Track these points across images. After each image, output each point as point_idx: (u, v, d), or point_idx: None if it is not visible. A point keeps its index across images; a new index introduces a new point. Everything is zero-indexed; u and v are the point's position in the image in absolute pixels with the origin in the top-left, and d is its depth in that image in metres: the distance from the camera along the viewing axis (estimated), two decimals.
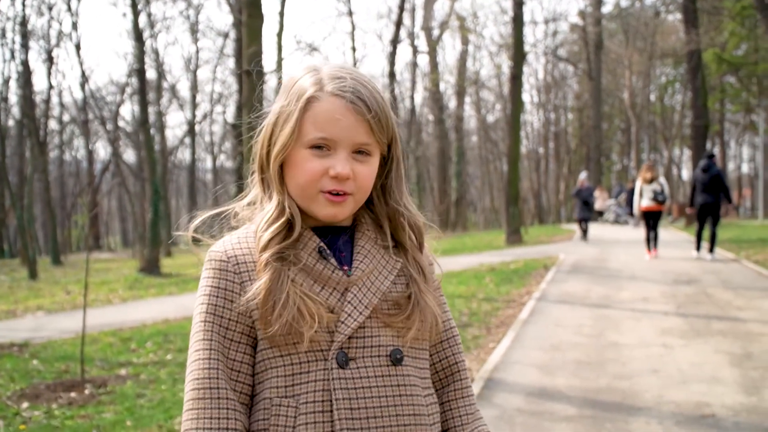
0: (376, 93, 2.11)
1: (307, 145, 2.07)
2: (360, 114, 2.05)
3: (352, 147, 2.07)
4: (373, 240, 2.21)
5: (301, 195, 2.10)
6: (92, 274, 29.95)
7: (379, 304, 2.09)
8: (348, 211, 2.12)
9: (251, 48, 14.32)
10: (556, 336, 11.58)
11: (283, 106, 2.14)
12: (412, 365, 2.12)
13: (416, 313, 2.12)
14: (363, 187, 2.11)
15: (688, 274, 17.94)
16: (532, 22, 66.02)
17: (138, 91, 35.67)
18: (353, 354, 2.04)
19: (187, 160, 72.87)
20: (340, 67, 2.15)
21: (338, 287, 2.07)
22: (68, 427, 7.94)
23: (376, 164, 2.16)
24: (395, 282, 2.16)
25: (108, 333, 14.11)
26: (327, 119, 2.05)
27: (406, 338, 2.11)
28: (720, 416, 7.36)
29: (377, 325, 2.08)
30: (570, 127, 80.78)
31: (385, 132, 2.12)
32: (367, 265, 2.13)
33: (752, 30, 42.41)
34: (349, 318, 2.03)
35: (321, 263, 2.09)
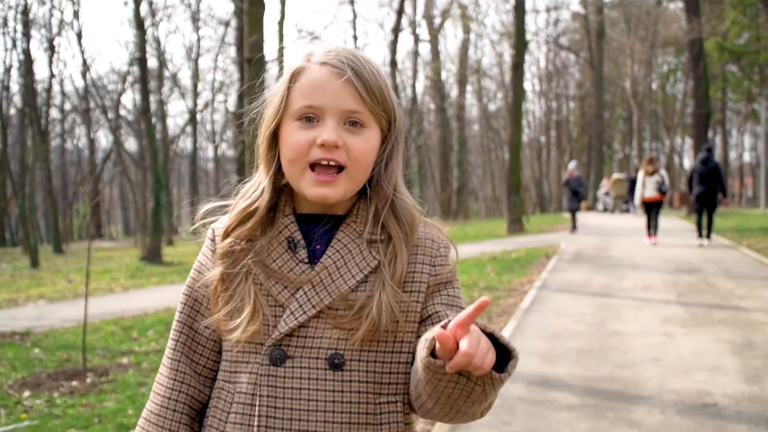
0: (368, 64, 2.05)
1: (294, 117, 2.02)
2: (347, 80, 1.99)
3: (341, 115, 2.00)
4: (356, 233, 2.09)
5: (291, 172, 2.05)
6: (94, 262, 29.98)
7: (333, 303, 1.99)
8: (341, 191, 2.01)
9: (252, 36, 14.32)
10: (557, 325, 11.58)
11: (276, 85, 2.13)
12: (360, 369, 2.01)
13: (366, 315, 1.98)
14: (359, 161, 2.02)
15: (690, 263, 17.95)
16: (533, 11, 66.03)
17: (139, 79, 35.67)
18: (291, 353, 1.99)
19: (189, 148, 72.85)
20: (337, 46, 2.11)
21: (294, 282, 2.02)
22: (70, 416, 7.94)
23: (374, 139, 2.07)
24: (365, 280, 2.03)
25: (110, 322, 14.11)
26: (313, 86, 2.01)
27: (354, 340, 1.99)
28: (721, 405, 7.36)
29: (323, 326, 1.99)
30: (572, 116, 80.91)
31: (379, 104, 2.04)
32: (335, 261, 2.04)
33: (754, 19, 42.36)
34: (291, 316, 1.98)
35: (287, 255, 2.06)
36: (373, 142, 2.05)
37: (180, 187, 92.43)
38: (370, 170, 2.08)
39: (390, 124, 2.12)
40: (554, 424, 6.95)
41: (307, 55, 2.08)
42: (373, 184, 2.12)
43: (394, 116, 2.11)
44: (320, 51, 2.07)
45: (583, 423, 6.95)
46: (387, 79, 2.10)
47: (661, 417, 7.05)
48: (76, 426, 7.54)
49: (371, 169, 2.09)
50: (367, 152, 2.03)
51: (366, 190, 2.12)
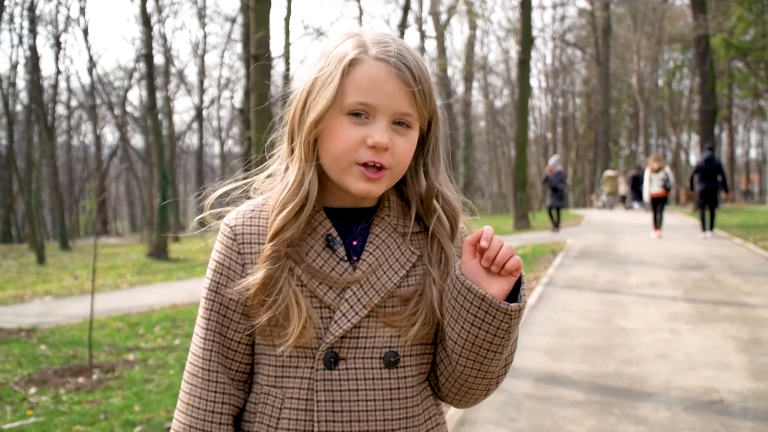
0: (421, 63, 1.99)
1: (345, 111, 1.94)
2: (404, 82, 1.93)
3: (393, 116, 1.94)
4: (392, 227, 2.06)
5: (334, 166, 1.97)
6: (100, 259, 29.99)
7: (382, 301, 1.97)
8: (383, 188, 1.99)
9: (259, 33, 14.30)
10: (563, 321, 11.58)
11: (322, 68, 2.00)
12: (412, 365, 2.02)
13: (421, 310, 1.98)
14: (401, 162, 1.98)
15: (696, 259, 17.94)
16: (540, 7, 66.27)
17: (146, 76, 35.70)
18: (344, 354, 1.95)
19: (195, 145, 73.17)
20: (383, 33, 2.04)
21: (339, 282, 1.96)
22: (76, 413, 7.94)
23: (416, 139, 2.02)
24: (408, 275, 2.02)
25: (116, 318, 14.12)
26: (370, 83, 1.93)
27: (408, 337, 1.99)
28: (728, 402, 7.36)
29: (375, 325, 1.97)
30: (578, 113, 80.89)
31: (427, 106, 1.99)
32: (377, 258, 2.00)
33: (760, 15, 42.38)
34: (343, 318, 1.93)
35: (326, 253, 1.99)
36: (414, 141, 2.02)
37: (186, 183, 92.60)
38: (406, 168, 2.04)
39: (430, 121, 2.07)
40: (560, 421, 6.96)
41: (360, 45, 1.98)
42: (408, 178, 2.10)
43: (435, 112, 2.07)
44: (374, 42, 1.98)
45: (589, 419, 6.95)
46: (430, 73, 2.05)
47: (668, 413, 7.05)
48: (82, 423, 7.54)
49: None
50: (410, 152, 2.01)
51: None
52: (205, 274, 2.10)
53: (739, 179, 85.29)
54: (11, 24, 46.17)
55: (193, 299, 16.14)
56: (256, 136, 14.38)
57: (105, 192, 65.55)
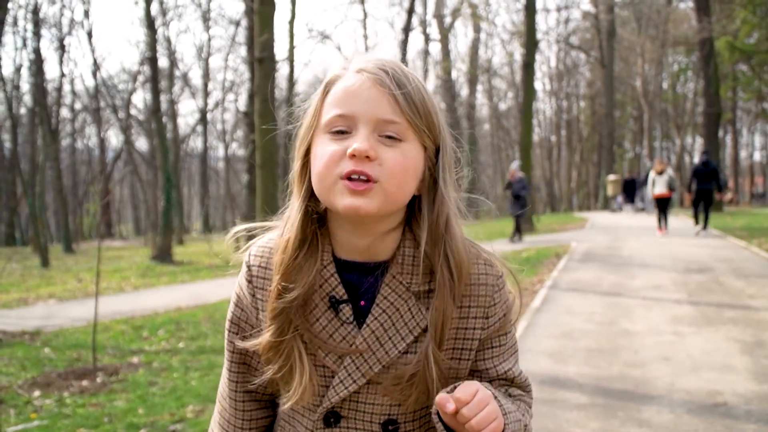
0: (411, 75, 1.86)
1: (325, 129, 1.83)
2: (383, 86, 1.80)
3: (376, 125, 1.78)
4: (403, 286, 1.88)
5: (321, 188, 1.83)
6: (104, 261, 30.02)
7: (382, 371, 1.87)
8: (374, 205, 1.77)
9: (263, 36, 14.35)
10: (567, 324, 11.57)
11: (311, 99, 1.94)
12: (415, 428, 1.96)
13: (417, 383, 1.86)
14: (395, 177, 1.78)
15: (700, 262, 17.92)
16: (544, 10, 66.03)
17: (150, 79, 35.75)
18: (345, 414, 1.91)
19: (199, 148, 73.12)
20: (379, 54, 1.92)
21: (338, 348, 1.88)
22: (80, 416, 7.95)
23: (412, 154, 1.83)
24: (417, 340, 1.88)
25: (120, 321, 14.14)
26: (346, 94, 1.82)
27: (407, 406, 1.90)
28: (732, 404, 7.35)
29: (374, 392, 1.89)
30: (582, 115, 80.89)
31: (421, 117, 1.83)
32: (382, 324, 1.87)
33: (764, 18, 42.30)
34: (340, 385, 1.87)
35: (329, 314, 1.89)
36: (410, 157, 1.83)
37: (190, 186, 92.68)
38: (407, 190, 1.84)
39: (437, 147, 1.91)
40: (564, 424, 6.95)
41: (344, 65, 1.91)
42: (420, 219, 1.90)
43: (442, 137, 1.92)
44: (359, 59, 1.90)
45: (593, 422, 6.95)
46: (434, 97, 1.92)
47: (671, 416, 7.05)
48: (86, 425, 7.55)
49: (412, 193, 1.87)
50: (404, 166, 1.80)
51: (411, 223, 1.94)
52: (229, 307, 2.09)
53: (744, 182, 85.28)
54: (15, 27, 46.37)
55: (198, 302, 16.16)
56: (260, 139, 14.43)
57: (109, 195, 65.75)
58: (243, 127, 51.87)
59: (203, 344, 11.68)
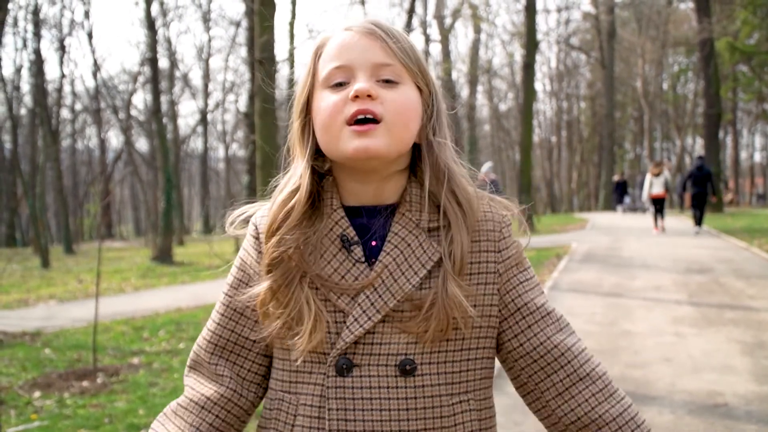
0: (394, 27, 1.93)
1: (324, 84, 1.89)
2: (374, 35, 1.88)
3: (373, 69, 1.85)
4: (413, 222, 1.91)
5: (327, 138, 1.87)
6: (105, 262, 30.04)
7: (398, 305, 1.83)
8: (382, 144, 1.81)
9: (263, 36, 14.31)
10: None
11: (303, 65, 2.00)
12: (433, 372, 1.86)
13: (434, 313, 1.81)
14: (397, 114, 1.83)
15: (700, 262, 17.92)
16: (544, 11, 66.02)
17: (150, 79, 35.73)
18: (358, 360, 1.85)
19: (200, 149, 73.08)
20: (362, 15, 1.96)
21: (353, 286, 1.85)
22: (80, 416, 7.95)
23: (413, 96, 1.90)
24: (430, 275, 1.86)
25: (120, 322, 14.14)
26: (339, 48, 1.90)
27: (424, 342, 1.84)
28: (732, 405, 7.35)
29: (390, 331, 1.84)
30: (582, 116, 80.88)
31: (412, 60, 1.91)
32: (395, 258, 1.86)
33: (764, 19, 42.24)
34: (355, 323, 1.82)
35: (341, 255, 1.88)
36: (411, 97, 1.89)
37: (191, 187, 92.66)
38: (411, 129, 1.89)
39: (430, 92, 1.96)
40: None
41: (331, 29, 1.98)
42: (422, 162, 1.95)
43: (432, 84, 1.97)
44: (345, 21, 1.96)
45: None
46: (418, 47, 1.98)
47: (672, 417, 7.05)
48: (87, 426, 7.55)
49: (415, 133, 1.92)
50: (406, 106, 1.86)
51: (415, 171, 1.98)
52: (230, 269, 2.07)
53: (744, 183, 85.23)
54: (15, 27, 46.33)
55: (198, 303, 16.15)
56: (260, 139, 14.41)
57: (109, 195, 65.74)
58: (243, 128, 51.82)
59: None
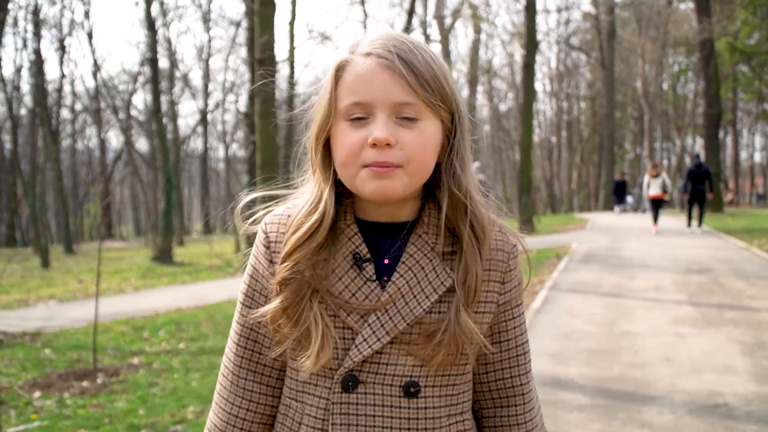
0: (419, 49, 1.85)
1: (344, 117, 1.85)
2: (394, 69, 1.80)
3: (392, 109, 1.80)
4: (429, 245, 1.91)
5: (345, 175, 1.86)
6: (105, 262, 30.03)
7: (407, 328, 1.85)
8: (401, 186, 1.81)
9: (263, 37, 14.33)
10: (568, 325, 11.57)
11: (321, 81, 1.95)
12: (435, 395, 1.90)
13: (445, 341, 1.84)
14: (416, 158, 1.81)
15: (700, 263, 17.92)
16: (544, 11, 65.97)
17: (150, 80, 35.73)
18: (364, 378, 1.86)
19: (200, 149, 73.12)
20: (381, 31, 1.92)
21: (362, 306, 1.86)
22: (80, 416, 7.95)
23: (431, 130, 1.85)
24: (441, 300, 1.88)
25: (120, 322, 14.15)
26: (359, 81, 1.83)
27: (431, 367, 1.87)
28: (732, 405, 7.35)
29: (397, 352, 1.86)
30: (582, 116, 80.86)
31: (435, 93, 1.83)
32: (408, 281, 1.87)
33: (765, 19, 42.25)
34: (364, 343, 1.84)
35: (353, 272, 1.89)
36: (430, 133, 1.85)
37: (191, 187, 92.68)
38: (430, 166, 1.88)
39: (453, 115, 1.92)
40: (565, 425, 6.95)
41: (351, 47, 1.90)
42: (441, 184, 1.92)
43: (456, 106, 1.92)
44: (365, 40, 1.89)
45: (594, 423, 6.95)
46: (445, 65, 1.92)
47: (672, 417, 7.05)
48: (87, 426, 7.56)
49: (434, 166, 1.90)
50: (424, 146, 1.83)
51: (432, 192, 1.96)
52: (243, 278, 2.06)
53: (744, 183, 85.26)
54: (15, 27, 46.36)
55: (198, 303, 16.17)
56: (260, 139, 14.41)
57: (109, 196, 65.79)
58: (243, 128, 51.83)
59: (204, 345, 11.68)
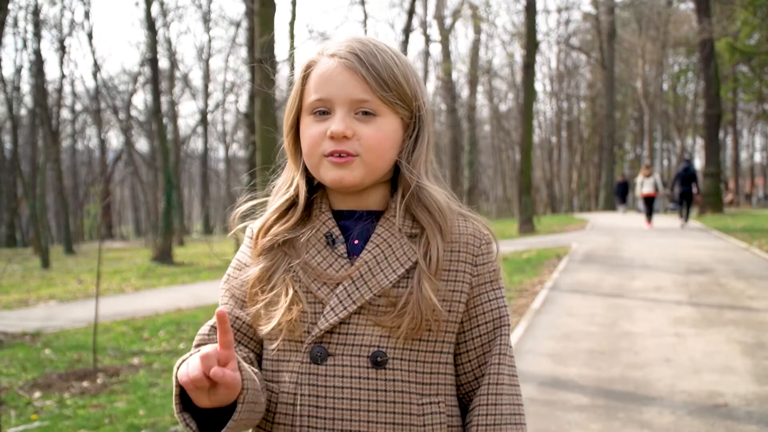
0: (381, 52, 2.01)
1: (308, 111, 2.03)
2: (353, 70, 1.97)
3: (350, 105, 1.98)
4: (396, 227, 2.03)
5: (309, 163, 2.04)
6: (105, 263, 30.04)
7: (373, 299, 1.95)
8: (357, 175, 1.98)
9: (263, 37, 14.33)
10: (568, 325, 11.57)
11: (293, 80, 2.14)
12: (403, 368, 1.96)
13: (408, 311, 1.92)
14: (372, 149, 1.97)
15: (701, 263, 17.91)
16: (544, 11, 65.95)
17: (150, 80, 35.79)
18: (332, 350, 1.94)
19: (200, 149, 73.12)
20: (349, 35, 2.09)
21: (334, 278, 1.97)
22: (80, 417, 7.95)
23: (388, 126, 2.01)
24: (407, 275, 1.97)
25: (120, 322, 14.15)
26: (323, 79, 2.00)
27: (397, 338, 1.94)
28: (732, 405, 7.35)
29: (364, 323, 1.95)
30: (583, 117, 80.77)
31: (392, 92, 1.99)
32: (375, 256, 1.99)
33: (765, 19, 42.20)
34: (331, 312, 1.94)
35: (325, 251, 2.02)
36: (386, 129, 2.01)
37: (191, 187, 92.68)
38: (387, 159, 2.03)
39: (412, 113, 2.07)
40: (565, 425, 6.95)
41: (321, 48, 2.08)
42: (400, 175, 2.07)
43: (416, 104, 2.06)
44: (333, 43, 2.06)
45: (594, 424, 6.95)
46: (408, 66, 2.07)
47: (672, 417, 7.05)
48: (87, 427, 7.56)
49: (393, 160, 2.05)
50: (380, 140, 1.99)
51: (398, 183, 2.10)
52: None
53: (744, 183, 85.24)
54: (15, 28, 46.37)
55: (198, 303, 16.16)
56: (260, 140, 14.41)
57: (110, 196, 65.76)
58: (243, 129, 51.81)
59: None
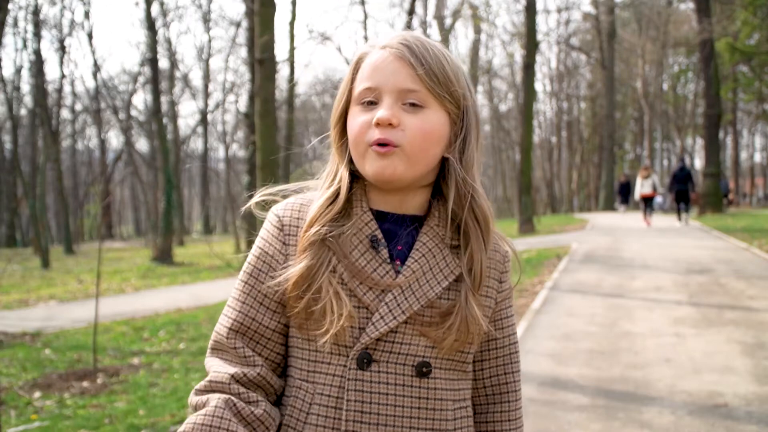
0: (431, 47, 2.00)
1: (357, 101, 2.01)
2: (404, 59, 1.96)
3: (398, 94, 1.95)
4: (439, 237, 2.03)
5: (354, 154, 2.01)
6: (105, 263, 30.05)
7: (420, 310, 1.94)
8: (397, 167, 1.93)
9: (263, 37, 14.34)
10: (568, 325, 11.56)
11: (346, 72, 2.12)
12: (443, 377, 1.99)
13: (456, 325, 1.94)
14: (416, 140, 1.93)
15: (701, 263, 17.90)
16: (544, 11, 65.88)
17: (150, 80, 35.80)
18: (378, 357, 1.93)
19: (200, 149, 73.07)
20: (405, 32, 2.07)
21: (380, 284, 1.95)
22: (80, 417, 7.95)
23: (435, 120, 1.97)
24: (450, 288, 1.99)
25: (120, 322, 14.15)
26: (372, 69, 1.99)
27: (441, 349, 1.96)
28: (732, 406, 7.35)
29: (411, 332, 1.94)
30: (583, 117, 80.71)
31: (441, 85, 1.97)
32: (422, 265, 1.98)
33: (765, 19, 42.17)
34: (381, 320, 1.92)
35: (369, 254, 1.98)
36: (434, 122, 1.97)
37: (191, 187, 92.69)
38: (431, 154, 1.99)
39: (461, 111, 2.04)
40: (565, 425, 6.95)
41: (372, 42, 2.08)
42: (447, 178, 2.04)
43: (465, 103, 2.04)
44: (386, 37, 2.05)
45: (594, 424, 6.95)
46: (458, 66, 2.06)
47: (672, 417, 7.04)
48: (87, 427, 7.55)
49: (437, 157, 2.02)
50: (425, 131, 1.95)
51: (441, 189, 2.08)
52: (247, 258, 2.10)
53: (744, 183, 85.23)
54: (15, 28, 46.40)
55: (198, 303, 16.17)
56: (260, 140, 14.41)
57: (110, 196, 65.73)
58: (243, 129, 51.78)
59: (204, 345, 11.66)
